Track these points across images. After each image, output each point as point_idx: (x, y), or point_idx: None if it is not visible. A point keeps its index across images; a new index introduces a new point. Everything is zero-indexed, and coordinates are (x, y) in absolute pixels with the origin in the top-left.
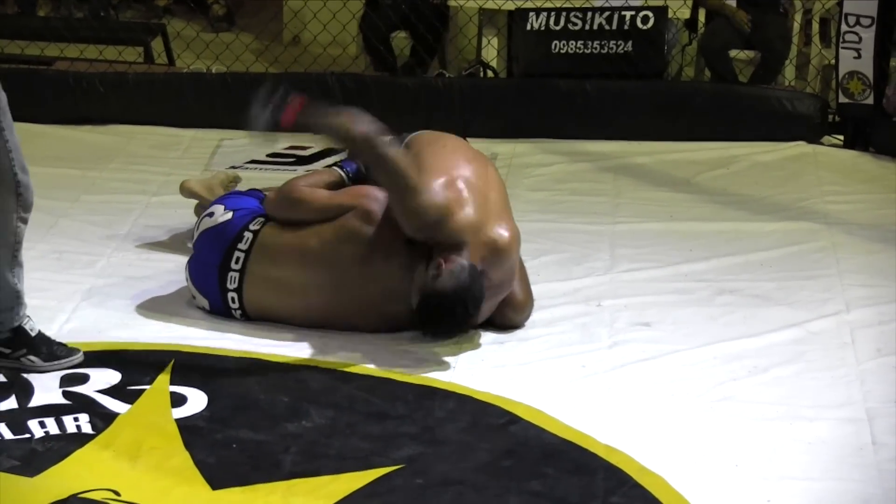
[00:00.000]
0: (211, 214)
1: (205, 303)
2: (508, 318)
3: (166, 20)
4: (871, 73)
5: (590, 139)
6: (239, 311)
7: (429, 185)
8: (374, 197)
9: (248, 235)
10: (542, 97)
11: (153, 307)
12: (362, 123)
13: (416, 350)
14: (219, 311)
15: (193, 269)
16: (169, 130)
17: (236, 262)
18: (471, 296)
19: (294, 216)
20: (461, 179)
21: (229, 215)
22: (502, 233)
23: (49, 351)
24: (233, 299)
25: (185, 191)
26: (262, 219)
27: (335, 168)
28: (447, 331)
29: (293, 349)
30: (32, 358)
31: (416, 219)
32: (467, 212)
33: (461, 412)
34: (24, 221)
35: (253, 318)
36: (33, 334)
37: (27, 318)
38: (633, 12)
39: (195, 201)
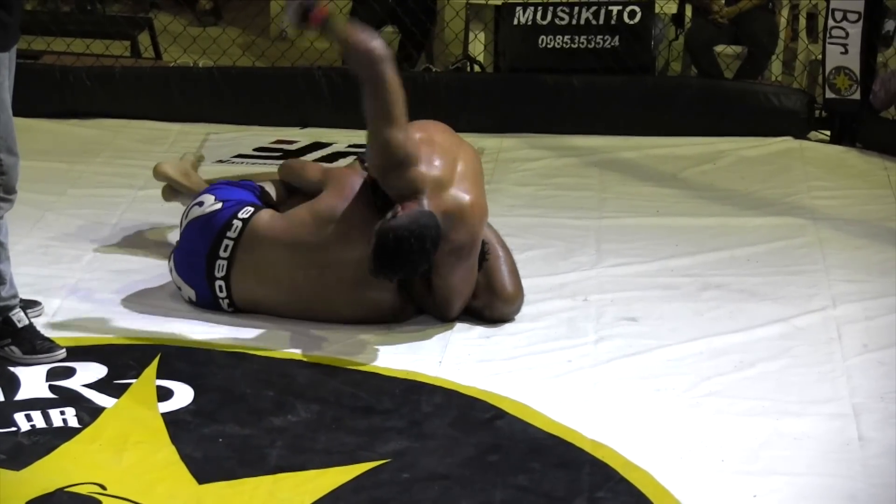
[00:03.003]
0: (200, 204)
1: (191, 293)
2: (498, 310)
3: (153, 14)
4: (857, 69)
5: (576, 134)
6: (226, 301)
7: (408, 130)
8: (352, 178)
9: (237, 224)
10: (529, 92)
11: (140, 301)
12: (374, 40)
13: (403, 345)
14: (205, 301)
15: (179, 259)
16: (156, 124)
17: (224, 250)
18: (428, 232)
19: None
20: (435, 143)
21: (219, 205)
22: (463, 196)
23: (31, 345)
24: (220, 288)
25: (160, 175)
26: (250, 208)
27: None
28: (399, 266)
29: (279, 343)
30: (14, 349)
31: (384, 153)
32: (432, 168)
33: (447, 407)
34: (6, 202)
35: (240, 306)
36: (20, 325)
37: (17, 309)
38: (619, 7)
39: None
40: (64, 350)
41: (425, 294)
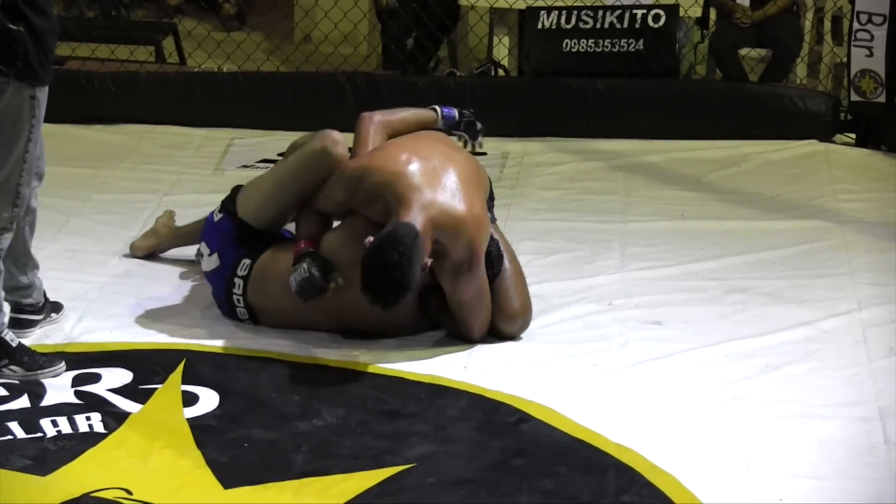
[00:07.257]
0: (201, 255)
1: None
2: (502, 328)
3: (177, 19)
4: (882, 71)
5: (601, 138)
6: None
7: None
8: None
9: (238, 282)
10: (554, 96)
11: (165, 306)
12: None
13: (428, 349)
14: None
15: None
16: (180, 129)
17: (239, 302)
18: (402, 243)
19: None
20: (410, 153)
21: (216, 260)
22: (455, 207)
23: (32, 361)
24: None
25: (138, 250)
26: (247, 260)
27: (433, 108)
28: (389, 285)
29: (305, 348)
30: (14, 368)
31: (337, 186)
32: (408, 182)
33: (473, 411)
34: (9, 231)
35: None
36: (14, 345)
37: (6, 330)
38: (644, 10)
39: (196, 219)
40: (63, 363)
41: (442, 311)
